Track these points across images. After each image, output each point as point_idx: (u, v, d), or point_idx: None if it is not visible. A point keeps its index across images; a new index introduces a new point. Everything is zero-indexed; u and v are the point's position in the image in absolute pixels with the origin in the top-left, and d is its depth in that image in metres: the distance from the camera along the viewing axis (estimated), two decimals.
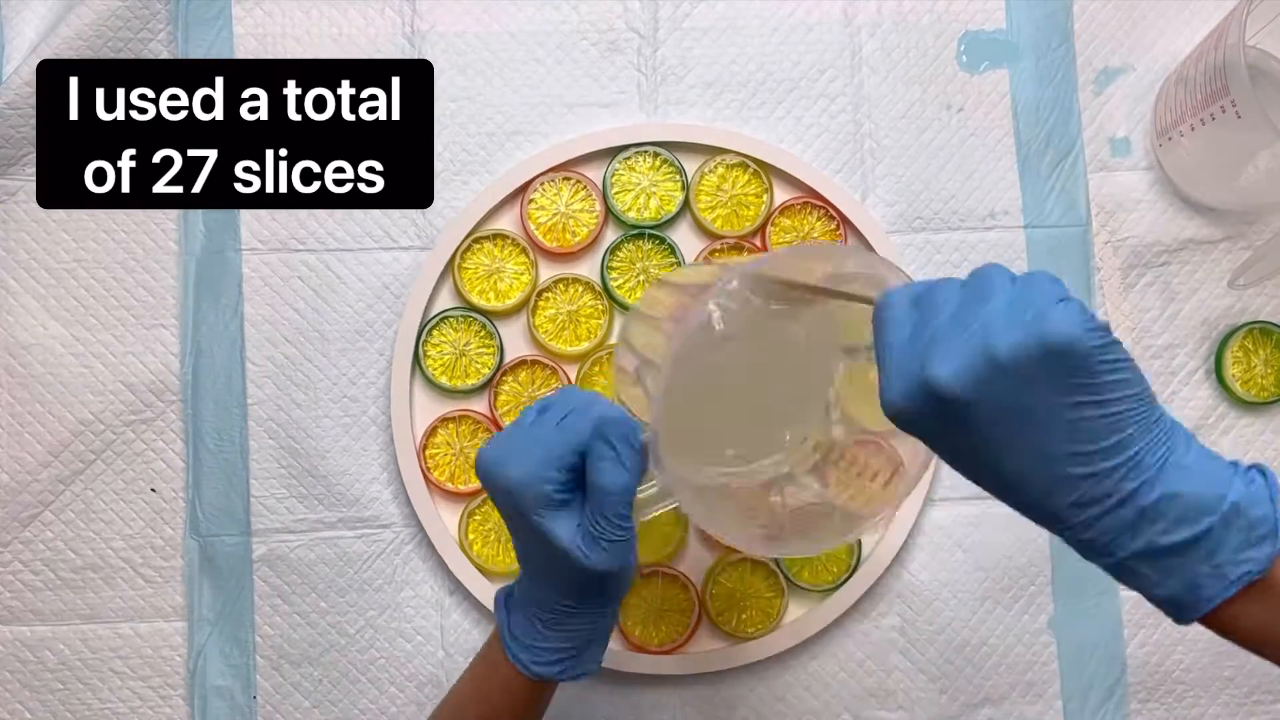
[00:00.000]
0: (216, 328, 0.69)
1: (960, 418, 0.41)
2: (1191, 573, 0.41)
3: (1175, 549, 0.41)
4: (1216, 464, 0.42)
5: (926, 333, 0.42)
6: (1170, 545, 0.41)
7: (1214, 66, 0.63)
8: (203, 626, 0.68)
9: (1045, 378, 0.40)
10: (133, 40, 0.70)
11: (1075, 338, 0.39)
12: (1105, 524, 0.42)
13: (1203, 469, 0.41)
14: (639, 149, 0.70)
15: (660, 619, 0.68)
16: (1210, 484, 0.41)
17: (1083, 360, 0.40)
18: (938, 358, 0.41)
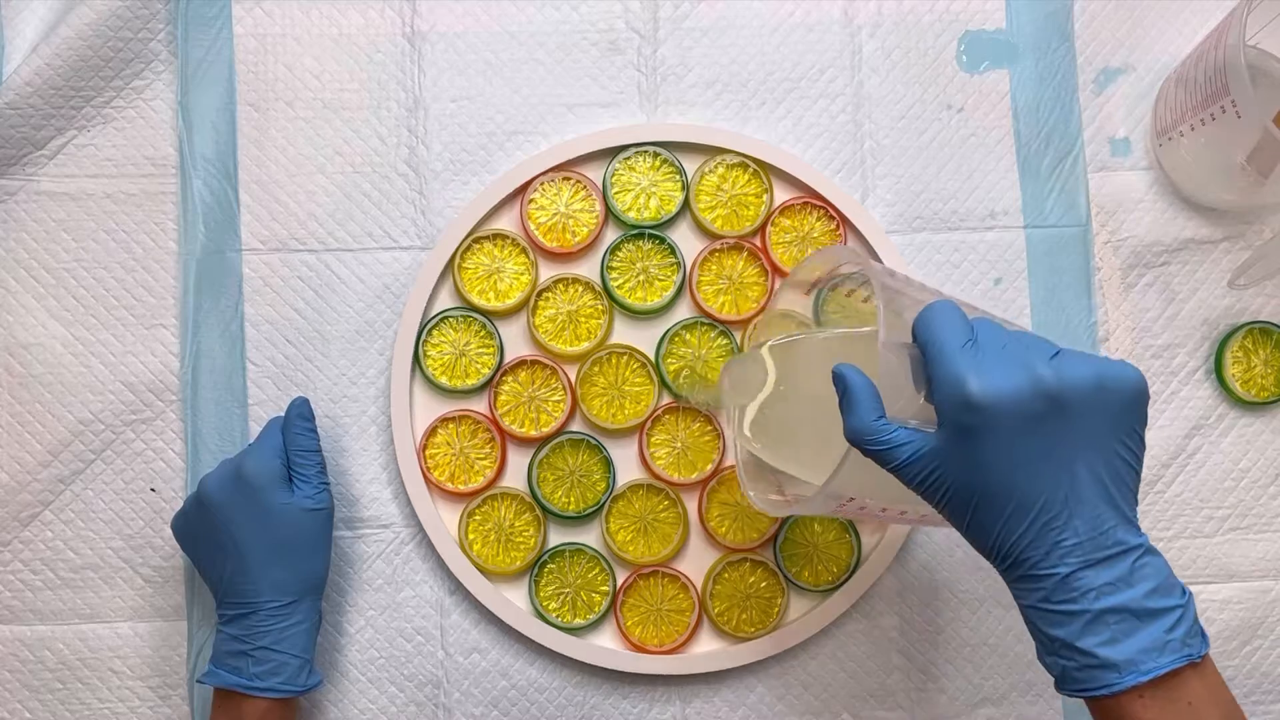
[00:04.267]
0: (216, 328, 0.69)
1: (1046, 419, 0.45)
2: (1154, 639, 0.44)
3: (1151, 613, 0.45)
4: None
5: (1008, 343, 0.47)
6: (1151, 609, 0.45)
7: (1214, 66, 0.63)
8: (203, 626, 0.68)
9: (1120, 408, 0.46)
10: (133, 40, 0.70)
11: (1146, 387, 0.47)
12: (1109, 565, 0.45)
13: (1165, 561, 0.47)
14: (639, 149, 0.70)
15: (660, 619, 0.68)
16: (1170, 569, 0.46)
17: (1144, 406, 0.47)
18: (1044, 364, 0.45)
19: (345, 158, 0.70)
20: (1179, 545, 0.70)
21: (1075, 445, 0.45)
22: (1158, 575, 0.45)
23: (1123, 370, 0.46)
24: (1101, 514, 0.45)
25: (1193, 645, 0.45)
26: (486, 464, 0.68)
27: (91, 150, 0.70)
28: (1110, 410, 0.46)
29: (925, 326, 0.48)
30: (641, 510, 0.68)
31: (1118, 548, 0.45)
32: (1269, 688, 0.69)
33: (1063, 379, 0.45)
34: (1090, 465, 0.45)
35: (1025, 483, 0.45)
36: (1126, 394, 0.46)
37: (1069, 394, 0.45)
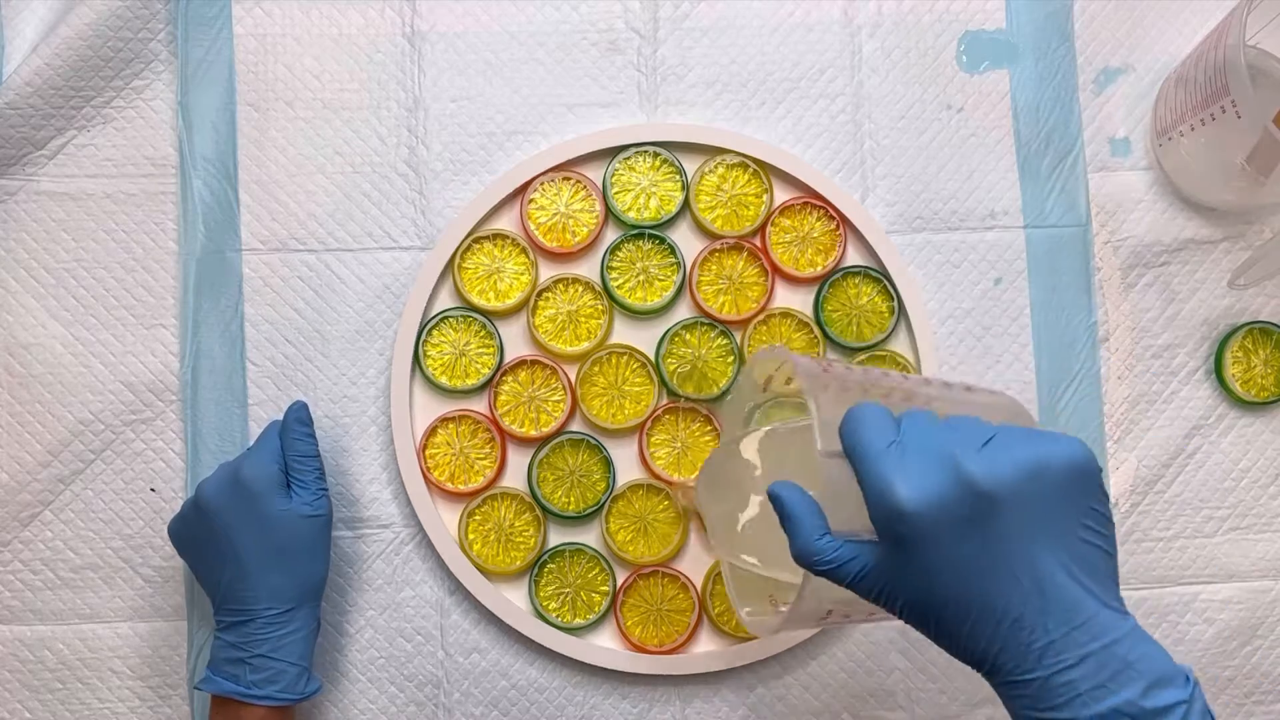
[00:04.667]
0: (216, 328, 0.69)
1: (983, 519, 0.42)
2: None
3: (1153, 714, 0.40)
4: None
5: (935, 441, 0.43)
6: (1151, 709, 0.40)
7: (1214, 66, 0.63)
8: (202, 627, 0.68)
9: (1066, 491, 0.42)
10: (133, 40, 0.70)
11: (1092, 459, 0.43)
12: (1095, 663, 0.41)
13: (1158, 644, 0.42)
14: (639, 149, 0.70)
15: (660, 619, 0.68)
16: (1170, 658, 0.42)
17: (1095, 481, 0.43)
18: (972, 459, 0.42)
19: (345, 158, 0.70)
20: (1179, 545, 0.70)
21: (1027, 539, 0.42)
22: (1153, 667, 0.41)
23: (1063, 449, 0.42)
24: (1075, 607, 0.41)
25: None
26: (486, 464, 0.68)
27: (91, 150, 0.70)
28: (1057, 495, 0.42)
29: (848, 432, 0.45)
30: (641, 510, 0.68)
31: (1099, 641, 0.41)
32: (1269, 688, 0.69)
33: (993, 473, 0.42)
34: (1050, 556, 0.42)
35: (980, 588, 0.42)
36: (1070, 474, 0.42)
37: (1003, 489, 0.41)
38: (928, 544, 0.42)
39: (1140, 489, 0.70)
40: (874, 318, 0.69)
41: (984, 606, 0.42)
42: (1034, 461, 0.42)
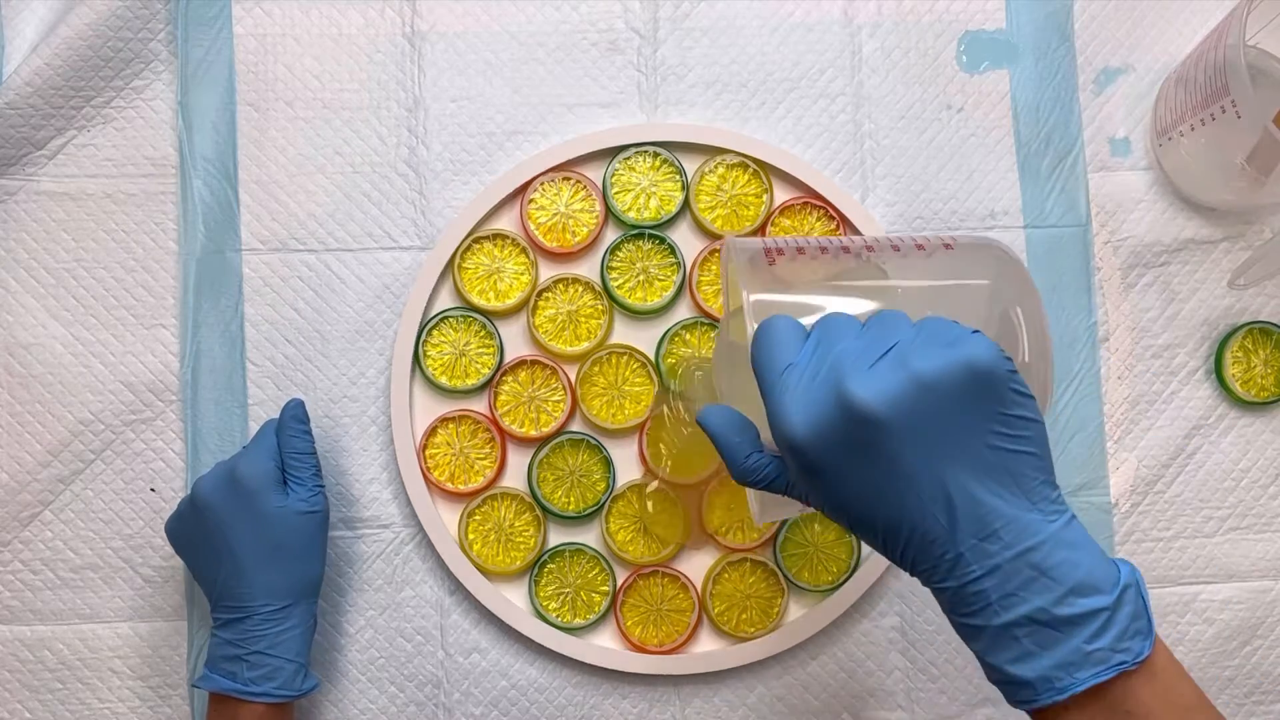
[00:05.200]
0: (216, 328, 0.69)
1: (874, 443, 0.40)
2: (1071, 651, 0.40)
3: (1066, 621, 0.40)
4: (1100, 546, 0.42)
5: (830, 357, 0.41)
6: (1065, 616, 0.40)
7: (1214, 66, 0.63)
8: (202, 627, 0.68)
9: (965, 401, 0.40)
10: (133, 40, 0.70)
11: (994, 361, 0.40)
12: (1003, 574, 0.41)
13: (1093, 546, 0.41)
14: (639, 149, 0.70)
15: (660, 619, 0.68)
16: (1102, 561, 0.41)
17: (1000, 385, 0.40)
18: (857, 380, 0.40)
19: (345, 158, 0.70)
20: (1179, 545, 0.70)
21: (927, 455, 0.40)
22: (1073, 574, 0.40)
23: (961, 356, 0.40)
24: (985, 518, 0.40)
25: (1126, 651, 0.40)
26: (486, 464, 0.68)
27: (91, 150, 0.70)
28: (956, 407, 0.40)
29: (754, 353, 0.43)
30: (642, 511, 0.68)
31: (1011, 550, 0.40)
32: (1269, 688, 0.69)
33: (880, 394, 0.40)
34: (957, 469, 0.40)
35: (884, 509, 0.41)
36: (969, 383, 0.40)
37: (889, 409, 0.40)
38: (825, 470, 0.41)
39: (1140, 489, 0.70)
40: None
41: (890, 526, 0.41)
42: (928, 375, 0.40)
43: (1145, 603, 0.41)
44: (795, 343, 0.43)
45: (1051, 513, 0.41)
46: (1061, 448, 0.70)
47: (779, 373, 0.42)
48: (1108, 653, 0.40)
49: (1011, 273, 0.51)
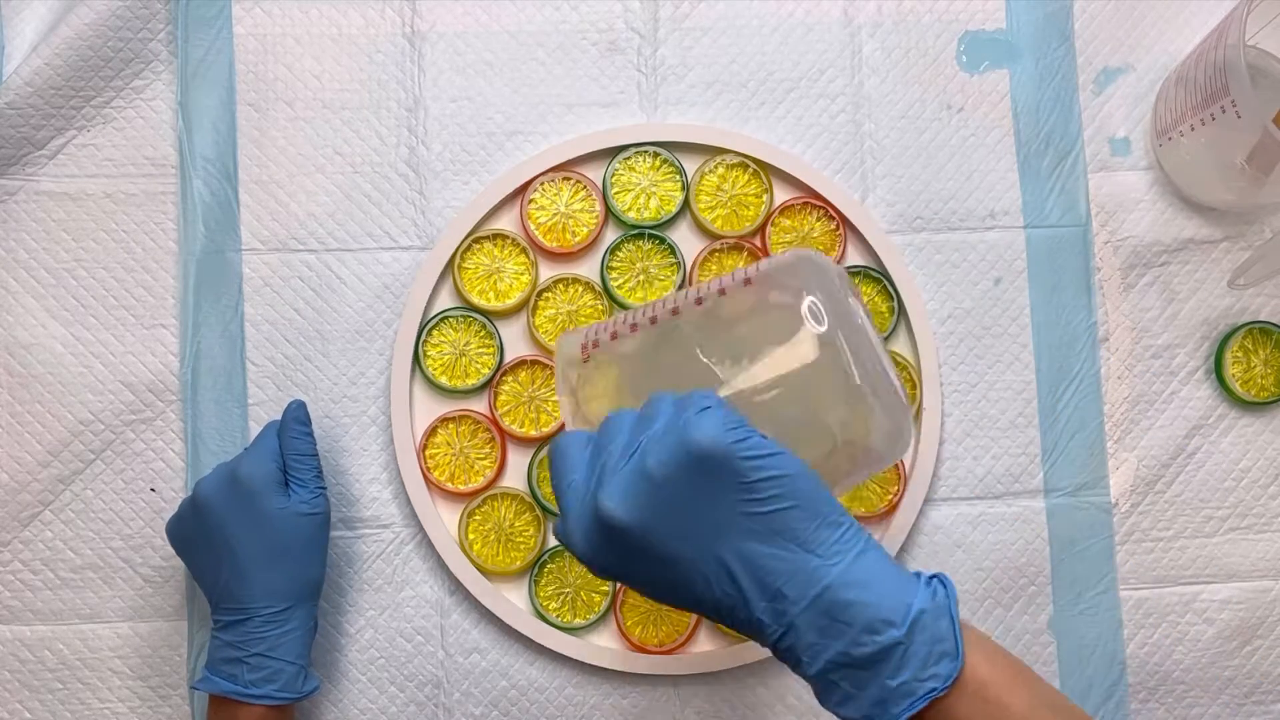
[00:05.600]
0: (216, 328, 0.69)
1: (638, 545, 0.43)
2: (880, 688, 0.41)
3: (868, 661, 0.41)
4: (899, 572, 0.42)
5: (598, 467, 0.44)
6: (864, 656, 0.41)
7: (1214, 66, 0.63)
8: (203, 627, 0.68)
9: (701, 484, 0.42)
10: (133, 40, 0.70)
11: (713, 442, 0.41)
12: (799, 628, 0.42)
13: (887, 576, 0.42)
14: (639, 149, 0.70)
15: (660, 619, 0.68)
16: (896, 591, 0.41)
17: (729, 460, 0.42)
18: (605, 491, 0.43)
19: (345, 158, 0.70)
20: (1179, 545, 0.70)
21: (694, 539, 0.42)
22: (865, 612, 0.41)
23: (681, 444, 0.42)
24: (764, 582, 0.42)
25: (934, 678, 0.40)
26: (486, 464, 0.68)
27: (91, 150, 0.70)
28: (694, 493, 0.42)
29: (549, 469, 0.48)
30: None
31: (799, 605, 0.41)
32: (1269, 688, 0.69)
33: (620, 504, 0.43)
34: (727, 542, 0.42)
35: (681, 593, 0.44)
36: (696, 467, 0.42)
37: (630, 517, 0.42)
38: (619, 574, 0.45)
39: (1140, 489, 0.70)
40: (874, 317, 0.69)
41: (696, 606, 0.44)
42: (657, 472, 0.42)
43: (951, 620, 0.41)
44: (578, 456, 0.46)
45: (833, 555, 0.42)
46: (1061, 448, 0.70)
47: (562, 493, 0.45)
48: (914, 684, 0.40)
49: (823, 286, 0.51)
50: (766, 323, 0.51)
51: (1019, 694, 0.41)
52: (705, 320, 0.52)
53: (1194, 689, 0.69)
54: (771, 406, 0.49)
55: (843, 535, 0.42)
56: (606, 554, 0.44)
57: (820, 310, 0.50)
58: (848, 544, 0.42)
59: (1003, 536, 0.69)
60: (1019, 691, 0.41)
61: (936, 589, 0.42)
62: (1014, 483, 0.70)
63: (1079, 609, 0.69)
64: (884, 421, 0.51)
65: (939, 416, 0.69)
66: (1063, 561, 0.69)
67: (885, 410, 0.50)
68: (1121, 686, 0.69)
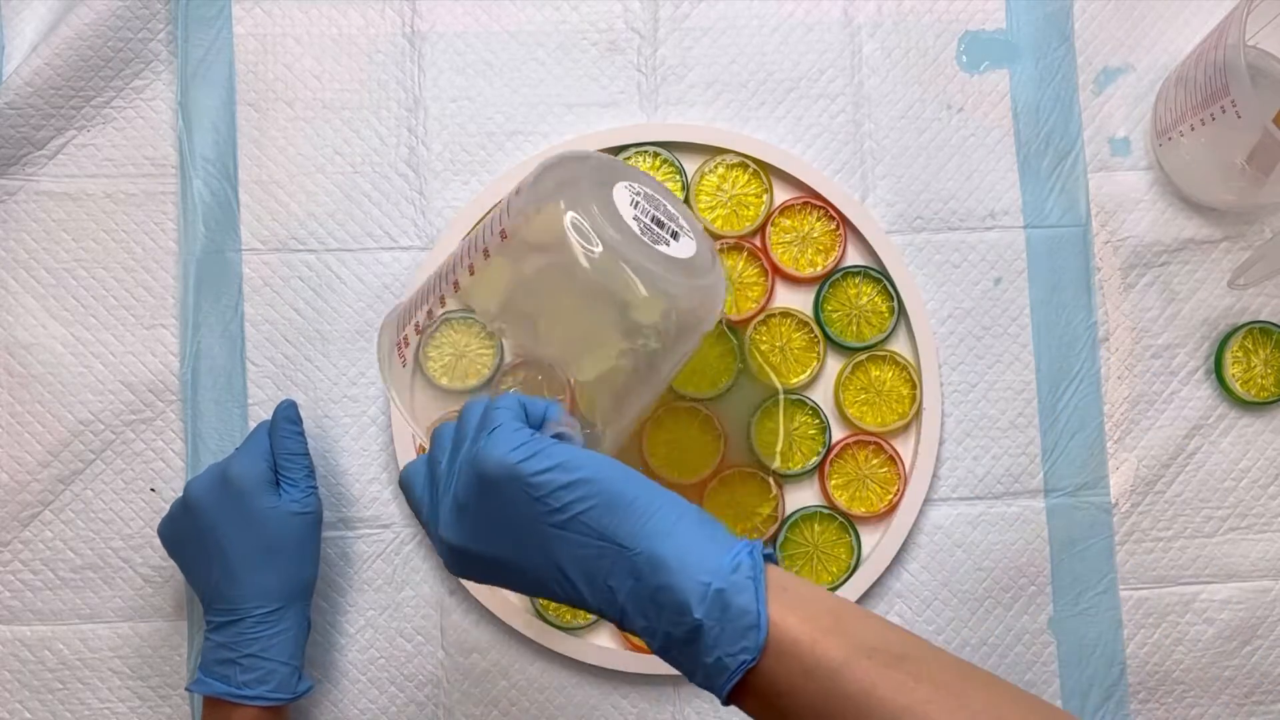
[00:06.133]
0: (216, 328, 0.69)
1: (485, 560, 0.46)
2: (704, 665, 0.43)
3: (686, 640, 0.43)
4: (710, 545, 0.44)
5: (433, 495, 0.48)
6: (678, 638, 0.43)
7: (1214, 66, 0.63)
8: (202, 626, 0.68)
9: (504, 505, 0.45)
10: (133, 40, 0.70)
11: (498, 461, 0.45)
12: (630, 615, 0.44)
13: (694, 554, 0.43)
14: (639, 149, 0.70)
15: None
16: (699, 570, 0.43)
17: (514, 479, 0.44)
18: (439, 521, 0.47)
19: (345, 158, 0.70)
20: (1179, 545, 0.70)
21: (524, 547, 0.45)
22: (673, 595, 0.43)
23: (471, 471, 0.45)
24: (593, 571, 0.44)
25: (744, 650, 0.42)
26: None
27: (91, 150, 0.70)
28: (502, 509, 0.45)
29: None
30: None
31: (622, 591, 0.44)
32: (1269, 688, 0.69)
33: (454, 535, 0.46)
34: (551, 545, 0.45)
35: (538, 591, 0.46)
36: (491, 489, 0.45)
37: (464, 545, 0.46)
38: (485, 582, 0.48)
39: (1140, 489, 0.70)
40: (874, 318, 0.69)
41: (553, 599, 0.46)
42: (464, 500, 0.45)
43: (754, 590, 0.42)
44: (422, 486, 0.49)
45: (640, 542, 0.44)
46: (1061, 448, 0.70)
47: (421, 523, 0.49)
48: (725, 659, 0.42)
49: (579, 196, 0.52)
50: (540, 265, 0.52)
51: (833, 645, 0.41)
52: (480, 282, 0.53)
53: (1194, 689, 0.69)
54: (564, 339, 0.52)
55: (650, 520, 0.44)
56: (465, 570, 0.48)
57: (584, 227, 0.51)
58: (657, 527, 0.44)
59: (1003, 536, 0.69)
60: (833, 642, 0.42)
61: (741, 561, 0.43)
62: (1014, 483, 0.70)
63: (1079, 609, 0.69)
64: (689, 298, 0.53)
65: (939, 416, 0.69)
66: (1063, 561, 0.69)
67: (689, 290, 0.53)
68: (1121, 686, 0.69)
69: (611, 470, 0.45)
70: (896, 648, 0.42)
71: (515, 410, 0.47)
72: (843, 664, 0.41)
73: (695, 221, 0.57)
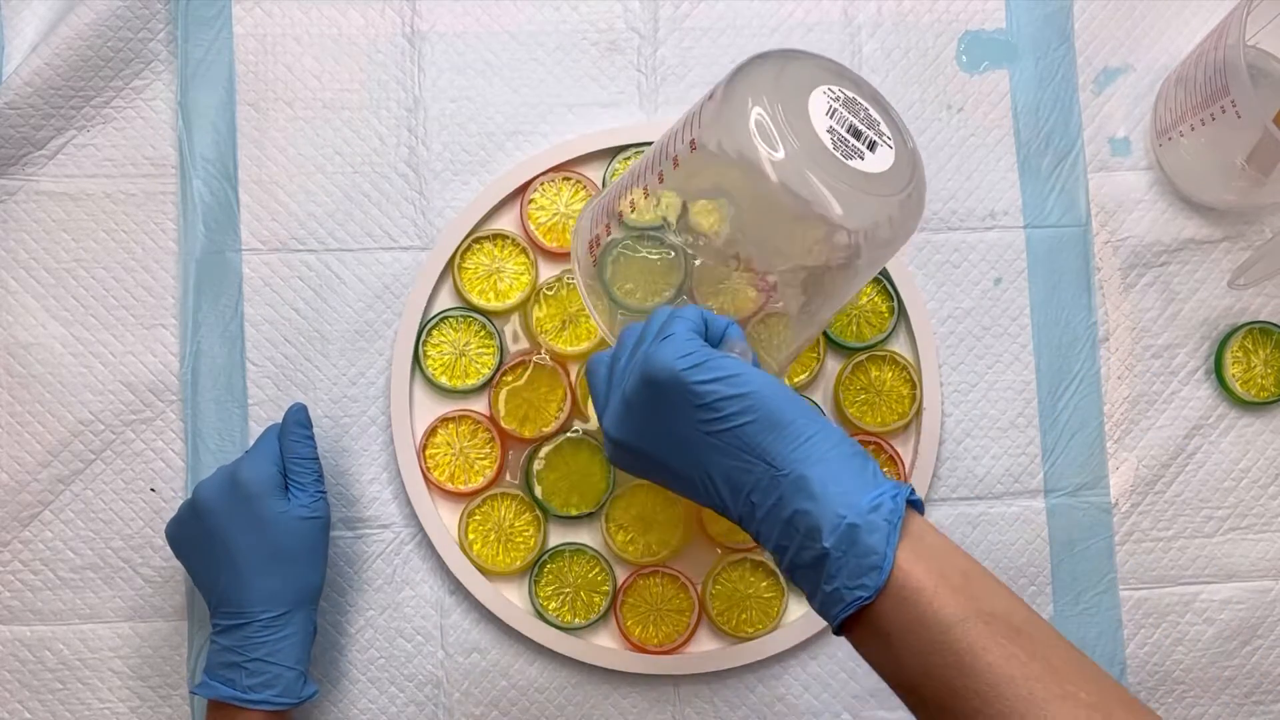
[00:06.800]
0: (216, 328, 0.69)
1: (642, 455, 0.49)
2: (821, 592, 0.44)
3: (810, 566, 0.44)
4: (855, 481, 0.44)
5: (608, 393, 0.50)
6: (805, 562, 0.44)
7: (1214, 66, 0.63)
8: (202, 626, 0.68)
9: (663, 405, 0.47)
10: (132, 40, 0.70)
11: (665, 366, 0.46)
12: (765, 534, 0.46)
13: (841, 485, 0.44)
14: (639, 149, 0.70)
15: (660, 619, 0.68)
16: (839, 503, 0.44)
17: (678, 385, 0.46)
18: (606, 414, 0.50)
19: (345, 158, 0.70)
20: (1179, 545, 0.70)
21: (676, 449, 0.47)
22: (807, 520, 0.44)
23: (639, 371, 0.47)
24: (739, 483, 0.46)
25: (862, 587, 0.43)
26: (486, 464, 0.68)
27: (91, 150, 0.70)
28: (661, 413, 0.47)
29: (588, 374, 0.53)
30: (641, 510, 0.68)
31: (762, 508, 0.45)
32: (1269, 688, 0.69)
33: (613, 426, 0.49)
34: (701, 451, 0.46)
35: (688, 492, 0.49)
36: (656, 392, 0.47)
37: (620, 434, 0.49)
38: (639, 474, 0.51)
39: (1140, 489, 0.70)
40: (874, 318, 0.69)
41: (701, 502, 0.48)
42: (631, 397, 0.48)
43: (886, 532, 0.43)
44: (601, 377, 0.51)
45: (790, 465, 0.45)
46: (1061, 448, 0.70)
47: (597, 414, 0.52)
48: (844, 590, 0.43)
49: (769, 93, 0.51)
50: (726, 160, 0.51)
51: (953, 601, 0.42)
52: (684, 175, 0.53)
53: (1194, 689, 0.69)
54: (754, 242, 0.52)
55: (803, 445, 0.45)
56: (622, 461, 0.50)
57: (769, 128, 0.49)
58: (809, 453, 0.45)
59: (1003, 536, 0.69)
60: (954, 599, 0.42)
61: (882, 502, 0.44)
62: (1014, 483, 0.70)
63: (1079, 609, 0.69)
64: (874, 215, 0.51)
65: (939, 416, 0.69)
66: (1063, 561, 0.69)
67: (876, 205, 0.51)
68: None
69: (774, 389, 0.46)
70: (1018, 620, 0.42)
71: (695, 322, 0.48)
72: (958, 621, 0.42)
73: (901, 127, 0.54)
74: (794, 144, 0.49)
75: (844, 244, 0.51)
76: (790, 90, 0.51)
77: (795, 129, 0.50)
